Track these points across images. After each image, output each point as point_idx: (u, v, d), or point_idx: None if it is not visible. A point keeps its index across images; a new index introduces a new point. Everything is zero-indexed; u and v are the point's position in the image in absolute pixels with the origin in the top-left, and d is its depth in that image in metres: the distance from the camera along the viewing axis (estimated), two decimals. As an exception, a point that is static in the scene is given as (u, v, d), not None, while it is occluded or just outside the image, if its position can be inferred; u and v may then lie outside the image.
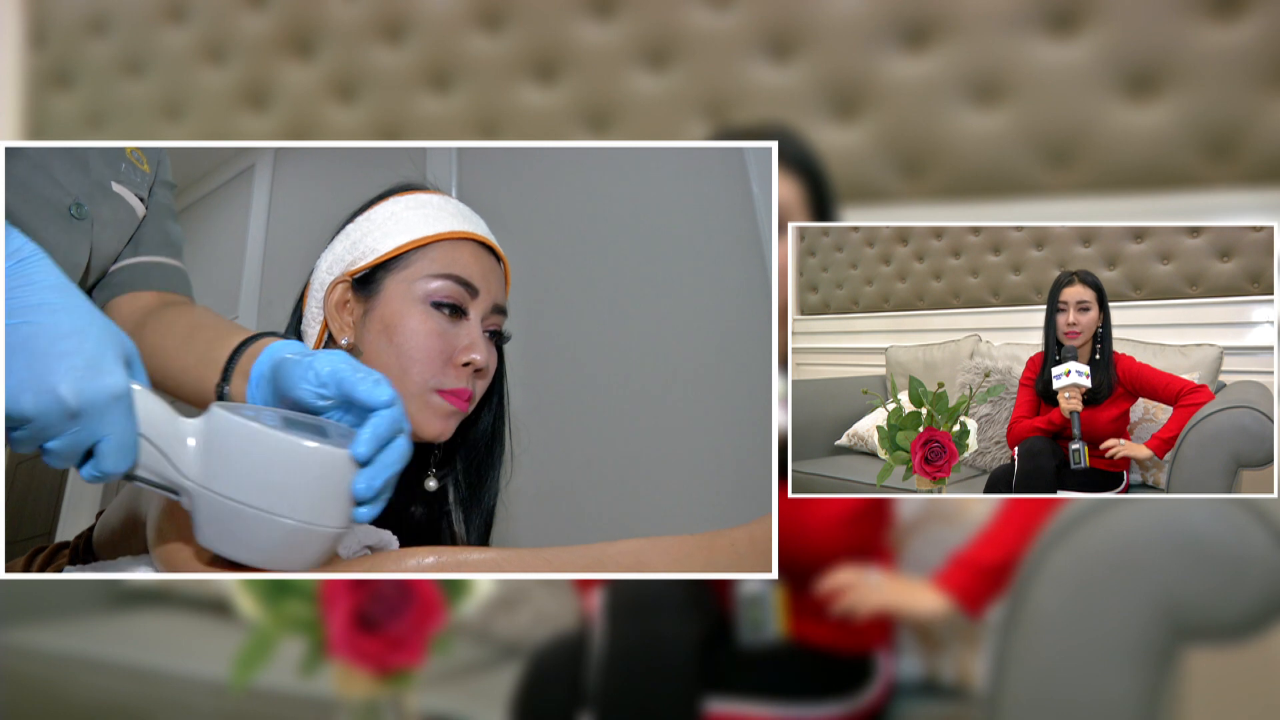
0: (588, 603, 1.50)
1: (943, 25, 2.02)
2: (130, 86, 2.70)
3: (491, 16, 2.33)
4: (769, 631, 1.46)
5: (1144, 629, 1.27)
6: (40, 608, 2.11)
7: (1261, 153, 1.86)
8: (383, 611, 1.21)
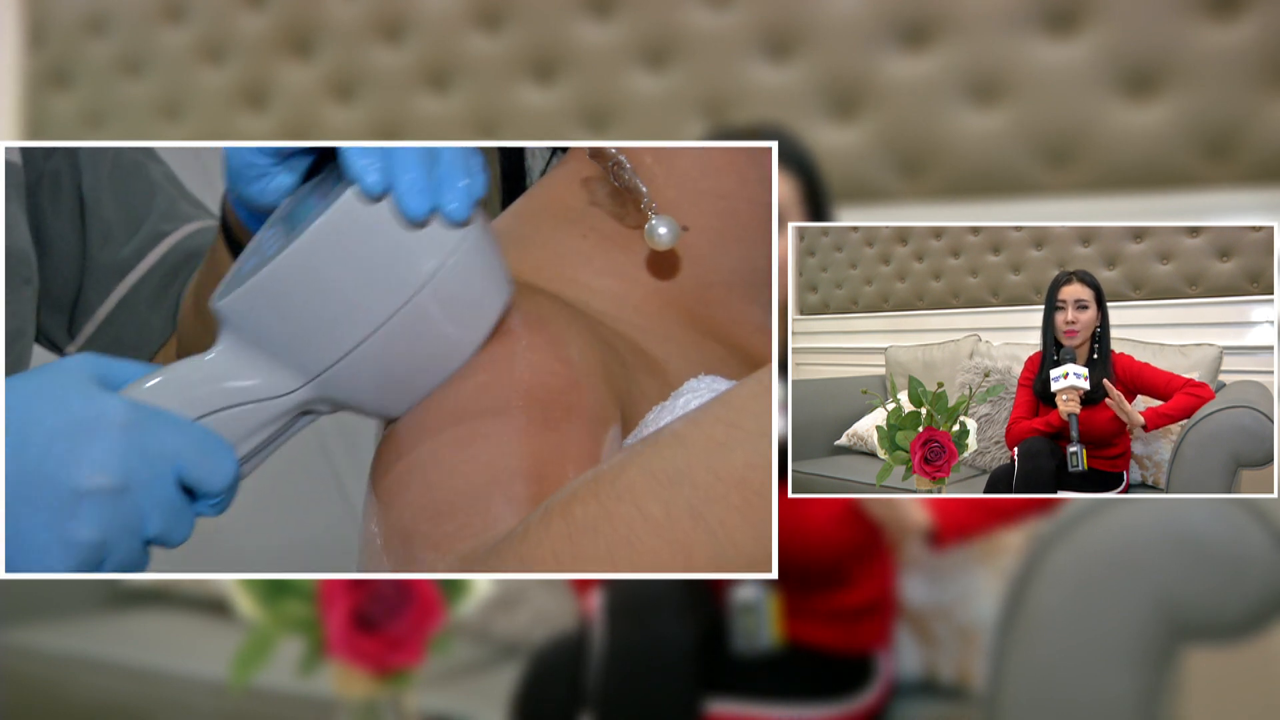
0: (586, 603, 1.50)
1: (942, 25, 2.02)
2: (129, 86, 2.69)
3: (491, 16, 2.33)
4: (763, 639, 1.46)
5: (1144, 629, 1.27)
6: (40, 608, 2.11)
7: (1261, 153, 1.86)
8: (381, 611, 1.21)
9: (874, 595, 1.53)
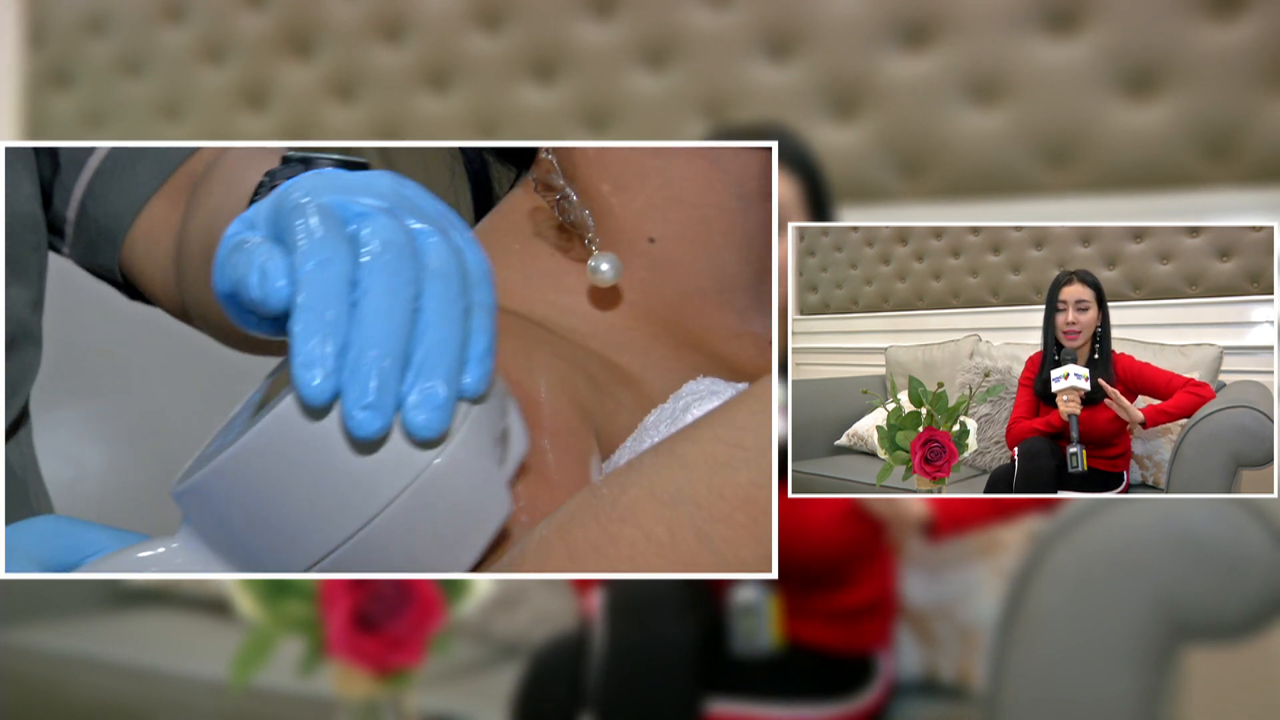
0: (587, 603, 1.50)
1: (942, 25, 2.02)
2: (129, 86, 2.69)
3: (491, 16, 2.33)
4: (763, 641, 1.46)
5: (1144, 629, 1.27)
6: (40, 608, 2.11)
7: (1261, 153, 1.86)
8: (382, 611, 1.21)
9: (874, 595, 1.53)
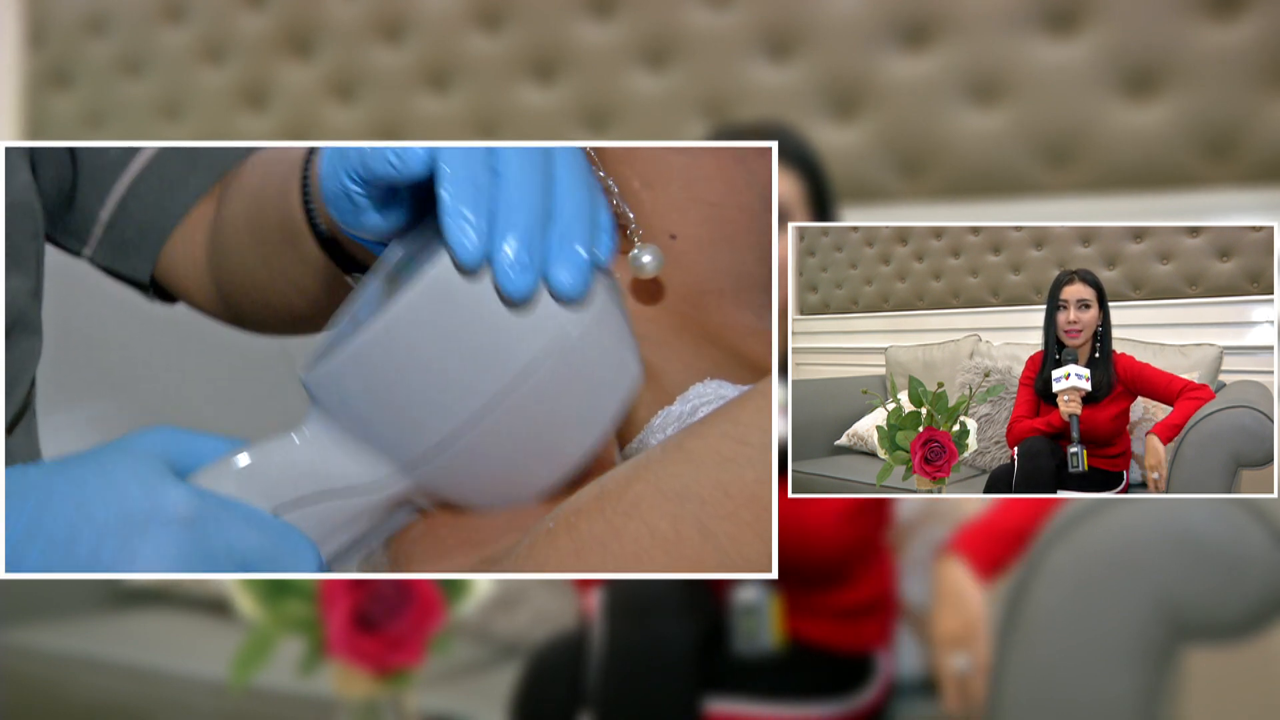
0: (586, 603, 1.50)
1: (942, 25, 2.02)
2: (129, 86, 2.70)
3: (491, 16, 2.33)
4: (764, 642, 1.46)
5: (1144, 629, 1.27)
6: (40, 608, 2.11)
7: (1261, 153, 1.86)
8: (382, 611, 1.21)
9: (874, 594, 1.53)
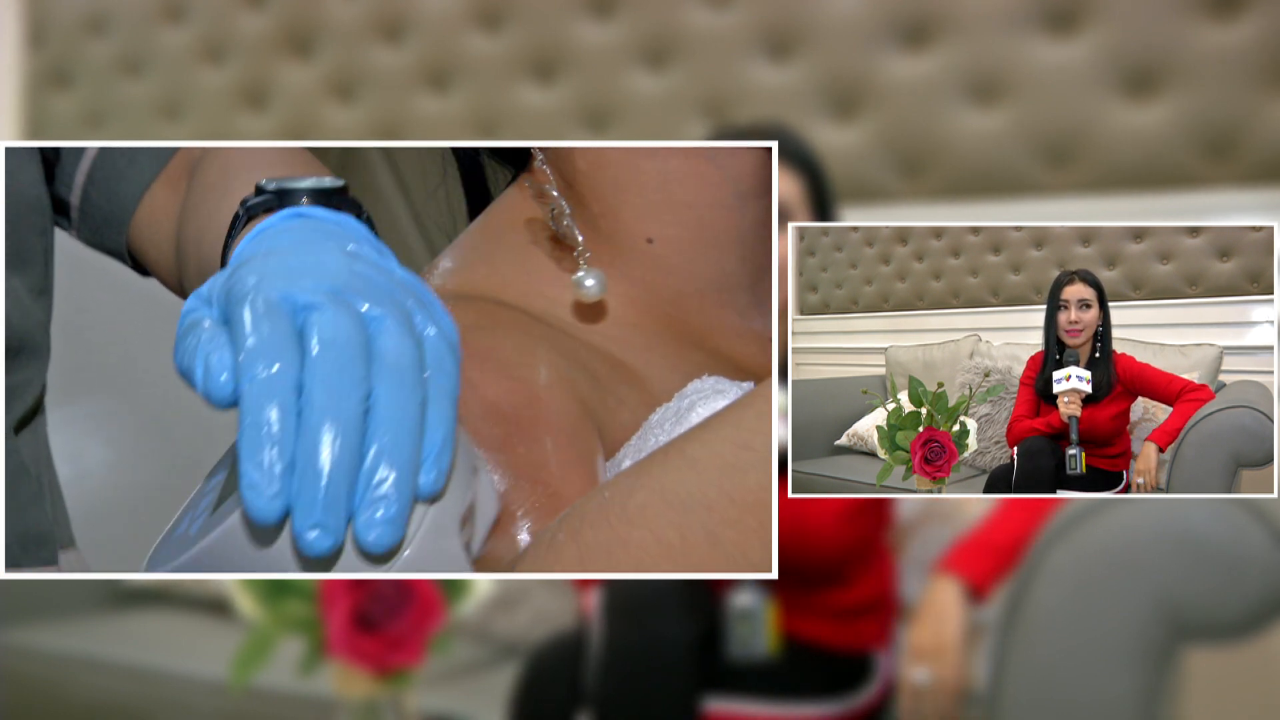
0: (585, 602, 1.50)
1: (942, 25, 2.02)
2: (129, 86, 2.70)
3: (491, 16, 2.33)
4: (759, 647, 1.46)
5: (1144, 629, 1.27)
6: (40, 608, 2.11)
7: (1261, 153, 1.86)
8: (382, 611, 1.21)
9: (874, 594, 1.53)
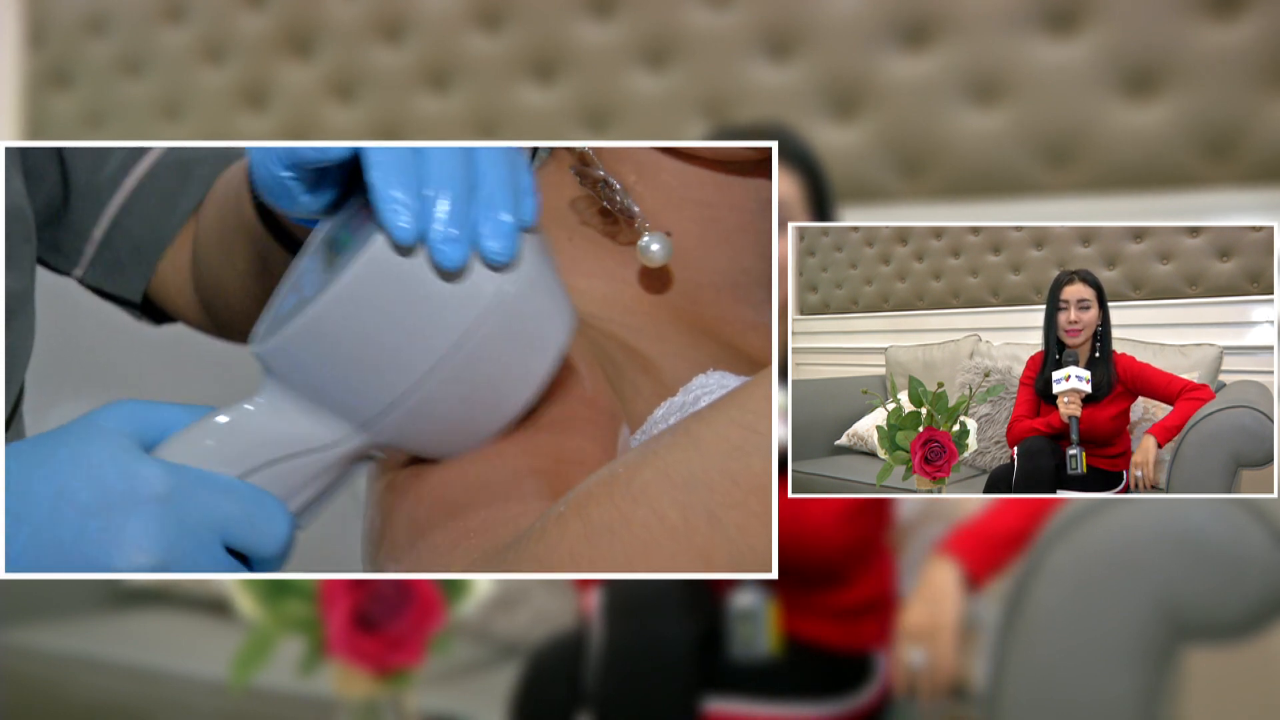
0: (585, 602, 1.50)
1: (942, 25, 2.02)
2: (129, 86, 2.69)
3: (491, 16, 2.33)
4: (760, 647, 1.46)
5: (1144, 629, 1.27)
6: (40, 608, 2.11)
7: (1261, 153, 1.86)
8: (382, 611, 1.21)
9: (874, 594, 1.53)
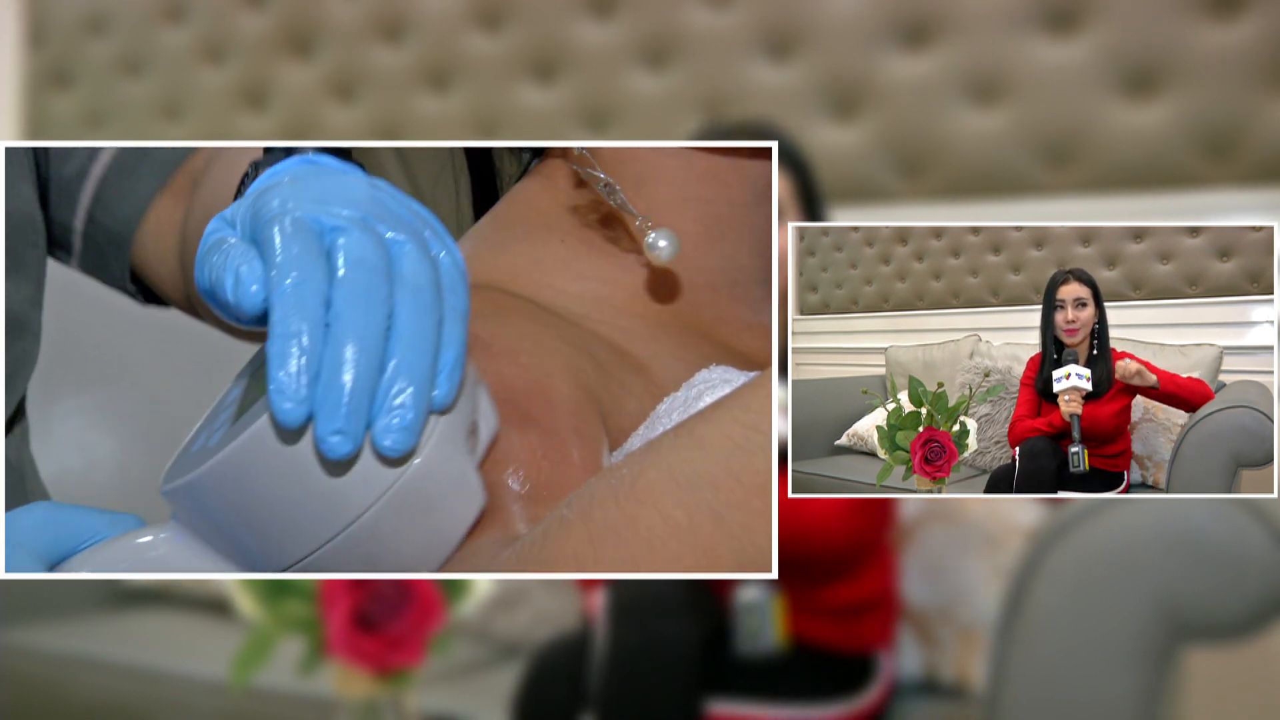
0: (590, 603, 1.50)
1: (942, 25, 2.02)
2: (129, 86, 2.70)
3: (491, 16, 2.33)
4: (767, 640, 1.46)
5: (1144, 629, 1.27)
6: (40, 608, 2.11)
7: (1261, 153, 1.86)
8: (382, 611, 1.21)
9: (876, 591, 1.53)
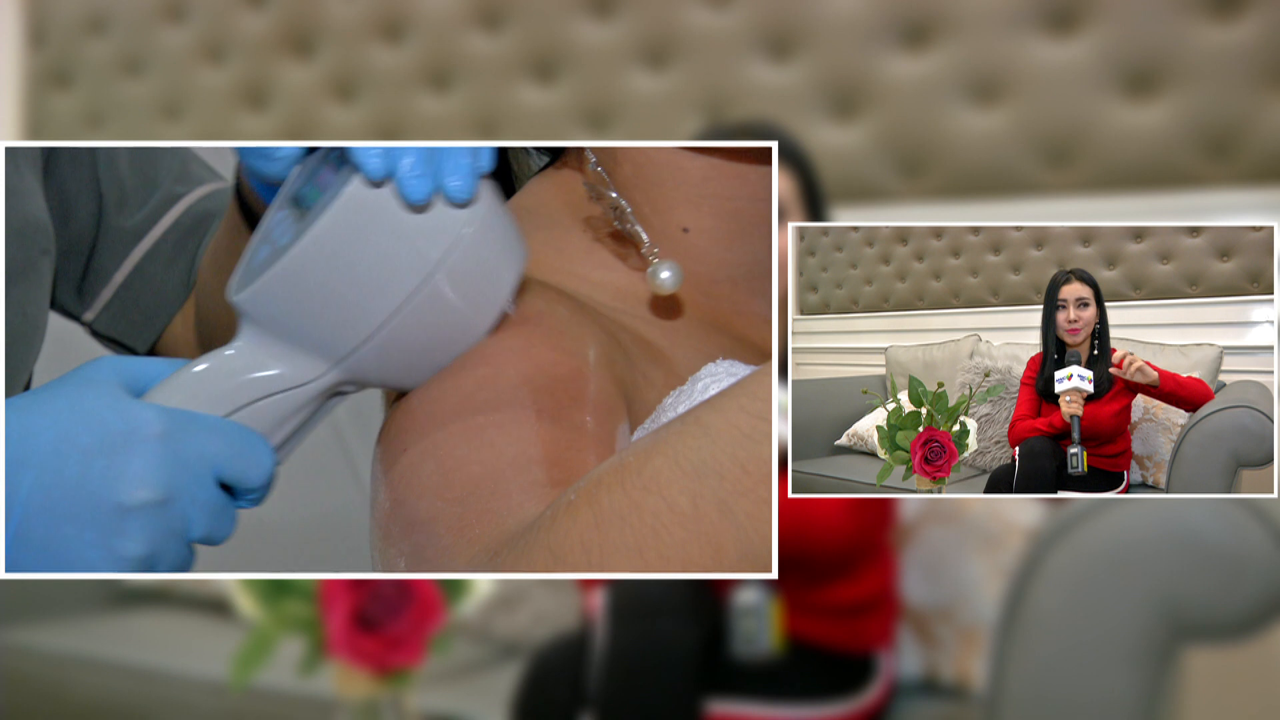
0: (590, 603, 1.50)
1: (942, 24, 2.02)
2: (130, 86, 2.69)
3: (491, 16, 2.33)
4: (762, 644, 1.46)
5: (1144, 629, 1.27)
6: (40, 608, 2.11)
7: (1261, 152, 1.86)
8: (382, 611, 1.21)
9: (876, 590, 1.53)
